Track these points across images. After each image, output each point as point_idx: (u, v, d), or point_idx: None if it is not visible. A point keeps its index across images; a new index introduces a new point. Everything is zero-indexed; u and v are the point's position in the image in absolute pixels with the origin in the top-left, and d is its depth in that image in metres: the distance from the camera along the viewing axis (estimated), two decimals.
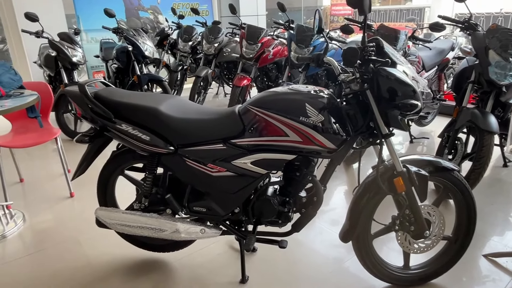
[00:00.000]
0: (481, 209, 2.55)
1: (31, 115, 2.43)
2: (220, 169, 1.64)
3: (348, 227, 1.71)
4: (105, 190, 1.96)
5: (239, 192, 1.67)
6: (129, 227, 1.74)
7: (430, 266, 1.83)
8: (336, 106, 1.56)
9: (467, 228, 1.78)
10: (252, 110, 1.58)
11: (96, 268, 2.03)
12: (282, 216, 1.71)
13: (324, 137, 1.51)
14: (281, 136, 1.54)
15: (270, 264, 2.03)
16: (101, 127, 1.73)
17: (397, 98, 1.46)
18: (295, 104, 1.51)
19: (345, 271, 1.97)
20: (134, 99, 1.68)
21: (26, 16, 3.77)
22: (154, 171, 1.78)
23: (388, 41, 3.03)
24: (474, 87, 2.59)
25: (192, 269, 2.01)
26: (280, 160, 1.59)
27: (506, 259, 2.03)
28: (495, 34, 2.38)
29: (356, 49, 1.36)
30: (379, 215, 1.77)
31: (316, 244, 2.21)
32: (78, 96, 1.69)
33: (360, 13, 1.28)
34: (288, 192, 1.71)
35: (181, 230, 1.72)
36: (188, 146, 1.65)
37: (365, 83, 1.50)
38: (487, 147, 2.35)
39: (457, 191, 1.72)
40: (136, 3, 6.17)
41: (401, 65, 1.48)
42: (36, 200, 2.82)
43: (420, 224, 1.65)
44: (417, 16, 9.72)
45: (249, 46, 4.20)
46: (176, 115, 1.64)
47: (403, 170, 1.59)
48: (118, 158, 1.90)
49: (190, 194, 1.75)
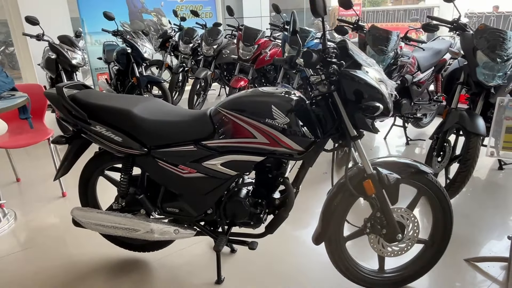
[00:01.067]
0: (470, 212, 2.50)
1: (22, 116, 2.49)
2: (191, 171, 1.65)
3: (320, 229, 1.71)
4: (86, 190, 2.00)
5: (210, 193, 1.68)
6: (103, 227, 1.77)
7: (405, 270, 1.81)
8: (305, 108, 1.56)
9: (443, 232, 1.75)
10: (222, 112, 1.59)
11: (78, 267, 2.07)
12: (254, 218, 1.71)
13: (290, 139, 1.51)
14: (249, 138, 1.55)
15: (247, 265, 2.04)
16: (78, 129, 1.77)
17: (363, 100, 1.45)
18: (261, 106, 1.52)
19: (322, 272, 1.96)
20: (109, 101, 1.71)
21: (27, 20, 3.86)
22: (129, 172, 1.80)
23: (380, 42, 3.01)
24: (464, 88, 2.55)
25: (171, 270, 2.03)
26: (249, 161, 1.60)
27: (488, 263, 1.99)
28: (483, 35, 2.34)
29: (310, 51, 1.35)
30: (356, 218, 1.75)
31: (294, 245, 2.20)
32: (56, 98, 1.73)
33: (315, 16, 1.28)
34: (260, 193, 1.71)
35: (155, 230, 1.74)
36: (160, 147, 1.67)
37: (333, 85, 1.50)
38: (473, 150, 2.31)
39: (431, 194, 1.70)
40: (140, 5, 6.25)
41: (368, 67, 1.47)
42: (29, 199, 2.89)
43: (392, 227, 1.64)
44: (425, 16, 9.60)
45: (245, 48, 4.23)
46: (149, 117, 1.67)
47: (373, 173, 1.58)
48: (98, 158, 1.94)
49: (164, 195, 1.77)
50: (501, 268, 1.97)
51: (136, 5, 6.22)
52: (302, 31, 3.60)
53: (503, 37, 2.30)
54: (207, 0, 6.83)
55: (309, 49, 1.35)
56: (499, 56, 2.28)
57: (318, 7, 1.26)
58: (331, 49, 1.43)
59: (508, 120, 1.85)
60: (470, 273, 1.94)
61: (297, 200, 1.73)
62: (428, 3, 16.85)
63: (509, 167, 3.17)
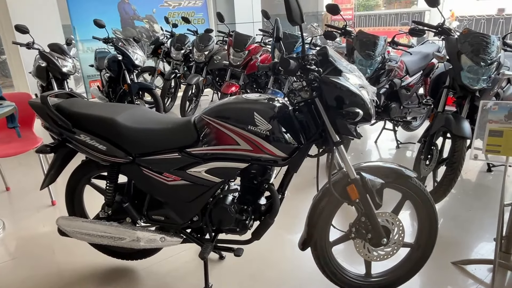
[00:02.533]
0: (458, 215, 2.52)
1: (10, 125, 2.49)
2: (175, 178, 1.65)
3: (306, 235, 1.71)
4: (73, 199, 1.99)
5: (196, 200, 1.68)
6: (89, 236, 1.77)
7: (391, 274, 1.81)
8: (288, 115, 1.57)
9: (429, 235, 1.76)
10: (205, 119, 1.59)
11: (66, 276, 2.06)
12: (240, 224, 1.71)
13: (273, 146, 1.52)
14: (232, 145, 1.55)
15: (236, 272, 2.03)
16: (63, 138, 1.77)
17: (344, 105, 1.47)
18: (244, 113, 1.53)
19: (311, 278, 1.96)
20: (93, 110, 1.71)
21: (17, 29, 3.86)
22: (115, 180, 1.80)
23: (367, 47, 3.03)
24: (450, 92, 2.58)
25: (159, 277, 2.02)
26: (233, 168, 1.60)
27: (475, 266, 2.00)
28: (467, 39, 2.36)
29: (287, 59, 1.37)
30: (343, 223, 1.76)
31: (281, 252, 2.20)
32: (40, 107, 1.73)
33: (291, 24, 1.30)
34: (246, 200, 1.72)
35: (141, 238, 1.74)
36: (145, 155, 1.67)
37: (314, 91, 1.51)
38: (459, 153, 2.33)
39: (416, 198, 1.71)
40: (132, 12, 6.27)
41: (348, 73, 1.48)
42: (18, 208, 2.87)
43: (377, 232, 1.64)
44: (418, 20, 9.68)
45: (236, 54, 4.24)
46: (133, 125, 1.67)
47: (356, 178, 1.59)
48: (84, 167, 1.94)
49: (149, 203, 1.77)
50: (488, 270, 1.98)
51: (128, 12, 6.24)
52: (291, 37, 3.62)
53: (486, 41, 2.32)
54: (200, 7, 6.87)
55: (287, 57, 1.36)
56: (483, 60, 2.30)
57: (294, 16, 1.27)
58: (311, 56, 1.44)
59: (491, 123, 1.87)
60: (457, 276, 1.95)
61: (286, 206, 1.74)
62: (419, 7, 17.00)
63: (497, 169, 3.19)
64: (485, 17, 7.37)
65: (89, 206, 2.05)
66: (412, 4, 19.38)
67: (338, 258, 1.82)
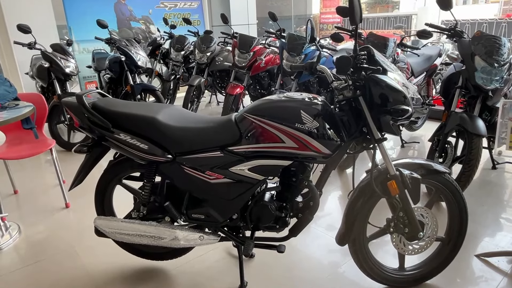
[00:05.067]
0: (472, 210, 2.61)
1: (26, 126, 2.43)
2: (218, 176, 1.67)
3: (344, 231, 1.75)
4: (103, 200, 1.97)
5: (237, 198, 1.70)
6: (128, 236, 1.75)
7: (424, 267, 1.87)
8: (330, 113, 1.61)
9: (459, 229, 1.83)
10: (248, 118, 1.61)
11: (94, 278, 2.03)
12: (279, 221, 1.74)
13: (319, 143, 1.55)
14: (277, 143, 1.58)
15: (268, 270, 2.05)
16: (99, 137, 1.76)
17: (389, 104, 1.51)
18: (290, 111, 1.56)
19: (341, 275, 2.00)
20: (132, 109, 1.71)
21: (19, 28, 3.78)
22: (152, 180, 1.80)
23: (378, 48, 3.09)
24: (462, 92, 2.67)
25: (191, 277, 2.02)
26: (277, 166, 1.63)
27: (498, 258, 2.08)
28: (480, 41, 2.46)
29: (349, 57, 1.41)
30: (374, 218, 1.81)
31: (313, 248, 2.24)
32: (76, 107, 1.71)
33: (351, 23, 1.34)
34: (285, 197, 1.74)
35: (180, 237, 1.74)
36: (186, 154, 1.68)
37: (358, 89, 1.56)
38: (476, 150, 2.42)
39: (448, 193, 1.77)
40: (128, 13, 6.21)
41: (392, 72, 1.53)
42: (31, 211, 2.81)
43: (414, 226, 1.69)
44: (404, 23, 9.92)
45: (241, 55, 4.26)
46: (174, 124, 1.67)
47: (396, 174, 1.64)
48: (115, 167, 1.92)
49: (189, 201, 1.77)
50: (508, 262, 2.07)
51: (124, 13, 6.17)
52: (299, 38, 3.67)
53: (498, 43, 2.43)
54: (195, 8, 6.86)
55: (345, 55, 1.40)
56: (496, 61, 2.41)
57: (356, 16, 1.31)
58: (361, 55, 1.48)
59: None
60: (482, 268, 2.03)
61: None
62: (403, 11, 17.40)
63: (501, 166, 3.31)
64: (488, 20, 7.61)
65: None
66: (394, 8, 19.83)
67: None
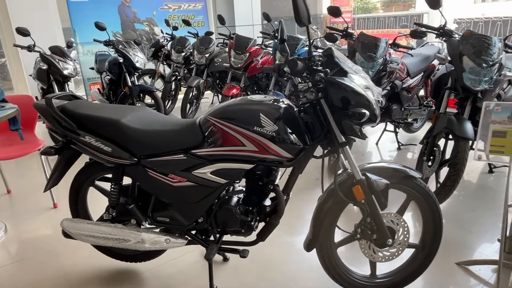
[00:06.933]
0: (461, 216, 2.52)
1: (13, 127, 2.48)
2: (181, 179, 1.65)
3: (311, 236, 1.71)
4: (77, 201, 1.99)
5: (201, 201, 1.68)
6: (94, 238, 1.76)
7: (397, 275, 1.81)
8: (293, 116, 1.57)
9: (433, 236, 1.76)
10: (210, 121, 1.60)
11: (70, 278, 2.05)
12: (245, 226, 1.71)
13: (279, 147, 1.52)
14: (238, 146, 1.55)
15: (240, 273, 2.03)
16: (68, 140, 1.77)
17: (350, 106, 1.47)
18: (250, 114, 1.53)
19: (316, 278, 1.96)
20: (98, 112, 1.71)
21: (18, 31, 3.86)
22: (119, 182, 1.80)
23: (369, 49, 3.04)
24: (452, 93, 2.59)
25: (163, 280, 2.01)
26: (239, 169, 1.60)
27: (479, 267, 2.00)
28: (469, 40, 2.38)
29: (295, 60, 1.37)
30: (348, 224, 1.76)
31: (287, 252, 2.20)
32: (45, 109, 1.72)
33: (299, 25, 1.30)
34: (251, 201, 1.72)
35: (146, 240, 1.73)
36: (150, 157, 1.67)
37: (320, 92, 1.52)
38: (462, 153, 2.33)
39: (421, 198, 1.71)
40: (132, 15, 6.28)
41: (353, 74, 1.49)
42: (20, 211, 2.86)
43: (382, 232, 1.64)
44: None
45: (237, 56, 4.25)
46: (138, 127, 1.67)
47: (362, 178, 1.59)
48: (88, 169, 1.93)
49: (154, 204, 1.77)
50: (492, 271, 1.99)
51: (128, 15, 6.25)
52: (292, 39, 3.63)
53: (488, 42, 2.34)
54: (199, 9, 6.88)
55: (294, 58, 1.37)
56: (484, 61, 2.31)
57: (302, 17, 1.28)
58: (317, 57, 1.44)
59: (495, 124, 1.88)
60: (461, 277, 1.95)
61: (290, 207, 1.74)
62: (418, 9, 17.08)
63: (498, 170, 3.20)
64: (483, 19, 7.39)
65: (92, 208, 2.05)
66: (410, 7, 19.48)
67: (342, 259, 1.82)
